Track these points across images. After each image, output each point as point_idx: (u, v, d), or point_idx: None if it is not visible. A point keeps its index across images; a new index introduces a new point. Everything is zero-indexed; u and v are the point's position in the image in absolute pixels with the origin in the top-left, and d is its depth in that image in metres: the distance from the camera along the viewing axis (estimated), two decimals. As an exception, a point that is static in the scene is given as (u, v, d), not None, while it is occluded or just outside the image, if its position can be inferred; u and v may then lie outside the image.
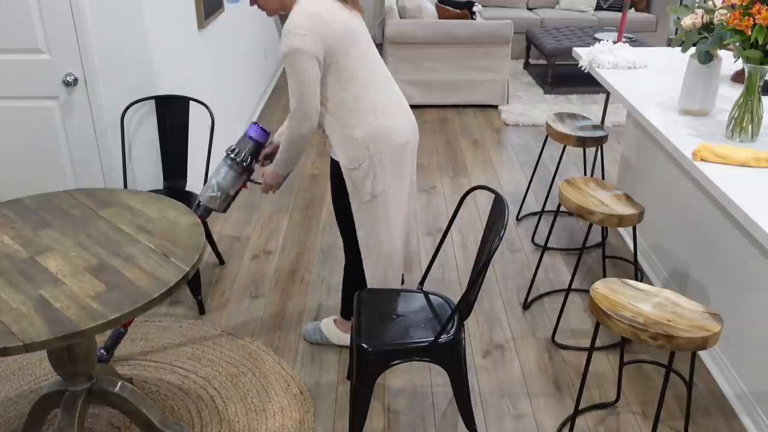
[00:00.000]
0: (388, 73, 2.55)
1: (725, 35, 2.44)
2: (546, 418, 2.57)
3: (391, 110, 2.48)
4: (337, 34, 2.32)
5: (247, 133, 2.65)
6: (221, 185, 2.65)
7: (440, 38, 5.70)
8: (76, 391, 2.17)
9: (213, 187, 2.66)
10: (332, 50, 2.32)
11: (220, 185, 2.65)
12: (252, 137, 2.64)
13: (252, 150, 2.64)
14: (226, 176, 2.65)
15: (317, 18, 2.29)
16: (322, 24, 2.29)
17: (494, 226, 2.19)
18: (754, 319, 2.51)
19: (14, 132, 3.16)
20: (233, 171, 2.64)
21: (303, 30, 2.26)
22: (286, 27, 2.29)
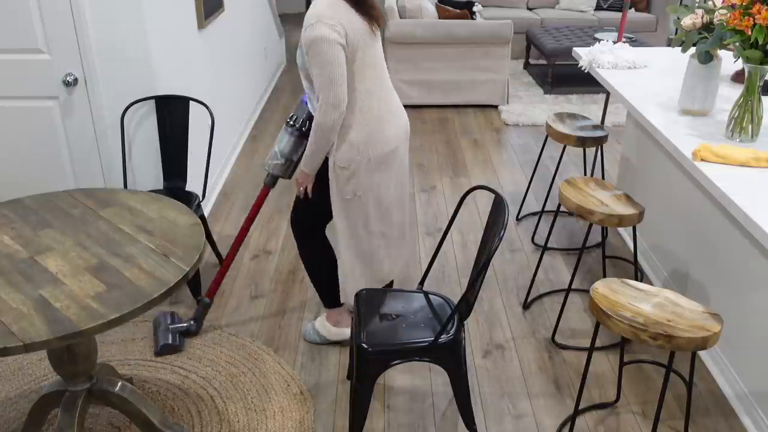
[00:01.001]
0: (390, 82, 2.57)
1: (725, 35, 2.44)
2: (546, 418, 2.57)
3: (388, 118, 2.51)
4: (356, 29, 2.36)
5: (303, 99, 2.69)
6: (284, 152, 2.72)
7: (440, 38, 5.70)
8: (76, 391, 2.17)
9: (276, 155, 2.73)
10: (351, 43, 2.35)
11: (282, 152, 2.72)
12: (307, 102, 2.67)
13: (309, 114, 2.67)
14: (287, 143, 2.70)
15: (340, 9, 2.33)
16: (346, 15, 2.33)
17: (494, 226, 2.19)
18: (754, 319, 2.51)
19: (14, 132, 3.16)
20: (293, 137, 2.69)
21: (329, 19, 2.29)
22: (312, 16, 2.31)
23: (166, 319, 2.93)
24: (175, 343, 2.83)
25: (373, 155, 2.49)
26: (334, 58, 2.30)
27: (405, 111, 2.65)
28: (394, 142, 2.54)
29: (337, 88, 2.33)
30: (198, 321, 2.93)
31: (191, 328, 2.91)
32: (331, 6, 2.33)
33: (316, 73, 2.33)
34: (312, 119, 2.66)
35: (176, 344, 2.83)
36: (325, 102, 2.34)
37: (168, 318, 2.94)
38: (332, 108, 2.35)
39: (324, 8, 2.31)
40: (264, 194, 2.88)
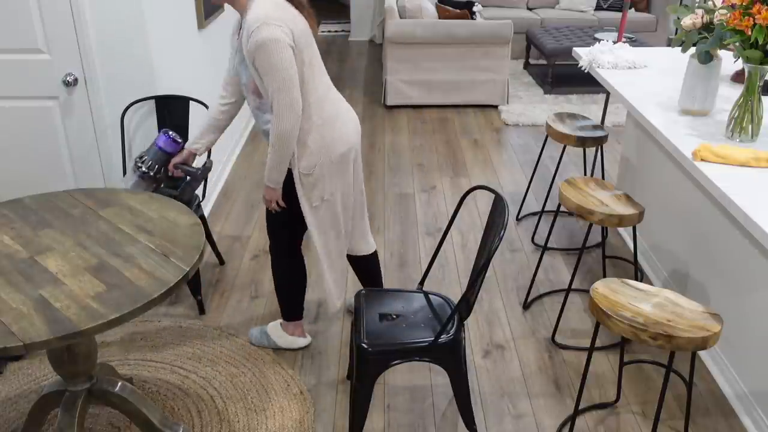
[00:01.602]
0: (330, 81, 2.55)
1: (725, 35, 2.44)
2: (546, 418, 2.57)
3: (341, 117, 2.50)
4: (300, 29, 2.32)
5: (156, 143, 2.62)
6: None
7: (440, 38, 5.70)
8: (76, 391, 2.17)
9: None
10: (298, 44, 2.30)
11: None
12: (161, 147, 2.62)
13: (160, 160, 2.63)
14: (136, 186, 2.67)
15: (284, 10, 2.28)
16: (289, 16, 2.28)
17: (494, 226, 2.19)
18: (754, 319, 2.51)
19: (14, 132, 3.16)
20: (144, 182, 2.66)
21: (275, 20, 2.22)
22: (255, 18, 2.22)
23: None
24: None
25: (333, 156, 2.48)
26: (285, 60, 2.22)
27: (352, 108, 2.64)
28: (351, 141, 2.54)
29: (292, 90, 2.26)
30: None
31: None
32: (275, 7, 2.26)
33: (268, 79, 2.25)
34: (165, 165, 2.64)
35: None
36: (281, 106, 2.26)
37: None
38: (289, 111, 2.28)
39: (268, 10, 2.24)
40: None
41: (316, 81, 2.41)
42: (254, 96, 2.43)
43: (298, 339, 2.89)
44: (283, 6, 2.31)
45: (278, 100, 2.27)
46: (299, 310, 2.84)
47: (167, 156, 2.65)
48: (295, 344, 2.89)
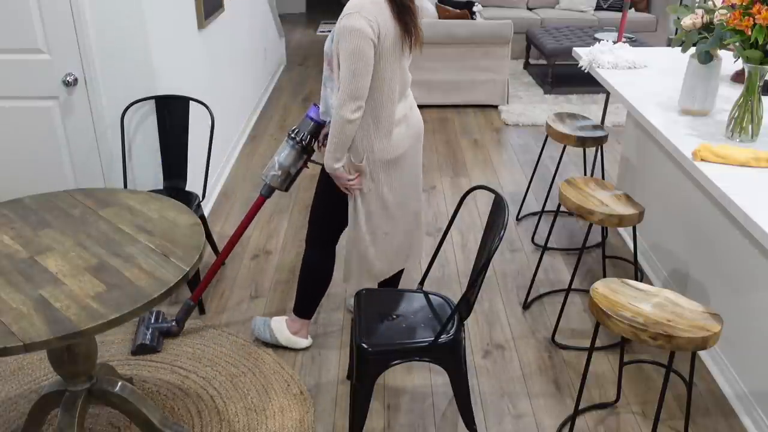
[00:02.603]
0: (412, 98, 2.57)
1: (725, 35, 2.44)
2: (546, 418, 2.57)
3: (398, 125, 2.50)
4: (389, 35, 2.36)
5: (307, 114, 2.69)
6: (282, 164, 2.72)
7: (440, 38, 5.70)
8: (76, 391, 2.17)
9: (274, 166, 2.73)
10: (381, 45, 2.34)
11: (281, 164, 2.72)
12: (312, 117, 2.67)
13: (311, 130, 2.67)
14: (287, 156, 2.71)
15: (382, 9, 2.34)
16: (381, 14, 2.33)
17: (494, 226, 2.19)
18: (754, 319, 2.51)
19: (14, 132, 3.16)
20: (294, 150, 2.70)
21: (368, 13, 2.29)
22: (353, 6, 2.30)
23: (150, 317, 2.94)
24: (152, 343, 2.81)
25: (378, 159, 2.49)
26: (363, 51, 2.28)
27: (419, 110, 2.64)
28: (402, 148, 2.53)
29: (359, 80, 2.31)
30: (180, 322, 2.91)
31: (172, 329, 2.90)
32: (373, 2, 2.32)
33: (342, 63, 2.32)
34: (316, 135, 2.68)
35: (153, 345, 2.81)
36: (345, 92, 2.32)
37: (152, 316, 2.94)
38: (351, 100, 2.33)
39: (366, 2, 2.31)
40: (259, 204, 2.87)
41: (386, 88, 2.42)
42: (327, 67, 2.49)
43: (301, 340, 2.89)
44: (381, 6, 2.34)
45: (344, 86, 2.32)
46: (312, 309, 2.83)
47: (318, 126, 2.68)
48: (297, 344, 2.89)
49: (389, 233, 2.66)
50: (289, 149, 2.71)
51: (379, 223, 2.61)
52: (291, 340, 2.88)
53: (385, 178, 2.54)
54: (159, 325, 2.90)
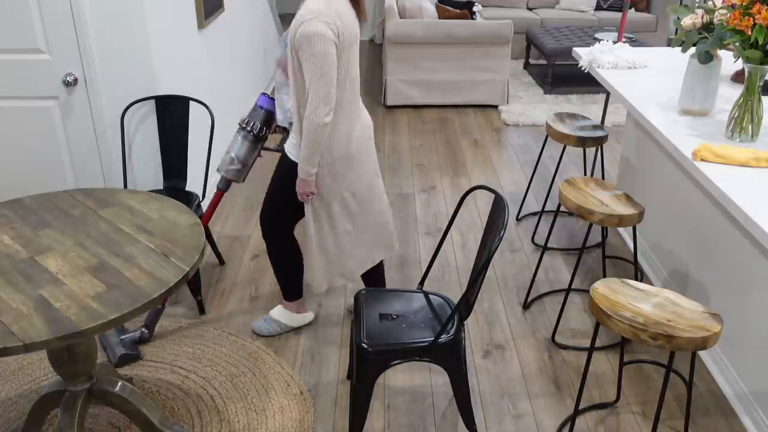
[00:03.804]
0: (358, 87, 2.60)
1: (725, 35, 2.44)
2: (546, 418, 2.57)
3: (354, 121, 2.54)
4: (348, 30, 2.37)
5: (258, 103, 2.73)
6: (240, 157, 2.76)
7: (440, 38, 5.70)
8: (76, 391, 2.17)
9: (233, 160, 2.76)
10: (341, 44, 2.36)
11: (239, 157, 2.76)
12: (262, 107, 2.71)
13: (264, 119, 2.72)
14: (243, 148, 2.75)
15: (334, 8, 2.34)
16: (337, 15, 2.34)
17: (494, 226, 2.19)
18: (754, 319, 2.51)
19: (14, 132, 3.16)
20: (248, 141, 2.74)
21: (324, 16, 2.29)
22: (309, 10, 2.30)
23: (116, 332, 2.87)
24: (133, 352, 2.79)
25: (337, 156, 2.52)
26: (328, 55, 2.30)
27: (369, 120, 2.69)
28: (357, 144, 2.56)
29: (328, 84, 2.32)
30: (149, 328, 2.88)
31: (144, 336, 2.87)
32: (327, 4, 2.32)
33: (308, 71, 2.32)
34: (268, 124, 2.71)
35: (134, 353, 2.79)
36: (316, 97, 2.33)
37: (117, 331, 2.88)
38: (323, 103, 2.34)
39: (321, 6, 2.31)
40: (218, 198, 2.89)
41: (346, 85, 2.45)
42: (281, 72, 2.55)
43: (306, 315, 3.01)
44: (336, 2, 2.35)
45: (314, 91, 2.33)
46: (300, 288, 2.93)
47: (269, 115, 2.74)
48: (306, 320, 3.00)
49: (352, 231, 2.70)
50: (243, 141, 2.74)
51: (341, 222, 2.65)
52: (299, 319, 2.98)
53: (346, 176, 2.58)
54: (129, 335, 2.85)
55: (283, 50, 2.49)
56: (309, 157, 2.44)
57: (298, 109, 2.45)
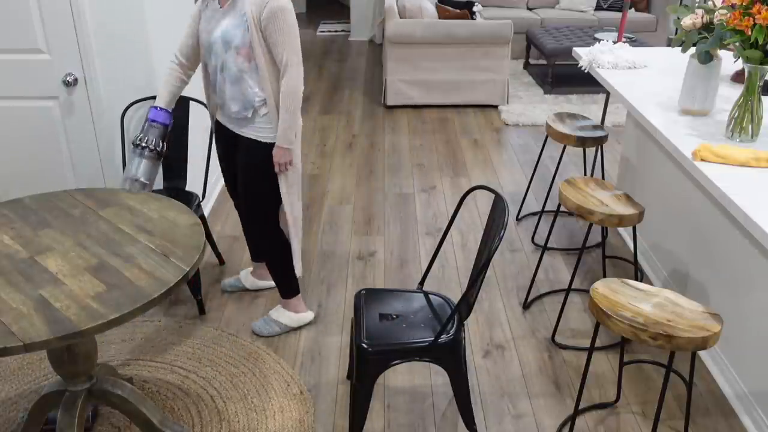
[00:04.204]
0: None
1: (725, 35, 2.44)
2: (546, 418, 2.57)
3: None
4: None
5: (150, 118, 2.63)
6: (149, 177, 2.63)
7: (440, 38, 5.70)
8: (76, 391, 2.17)
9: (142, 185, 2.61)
10: None
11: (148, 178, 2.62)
12: (156, 120, 2.62)
13: (158, 132, 2.63)
14: (145, 168, 2.62)
15: None
16: None
17: (494, 226, 2.19)
18: (754, 319, 2.51)
19: (14, 132, 3.16)
20: (149, 160, 2.63)
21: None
22: None
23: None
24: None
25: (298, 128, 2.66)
26: (296, 27, 2.49)
27: None
28: None
29: (299, 53, 2.52)
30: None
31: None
32: None
33: (283, 42, 2.46)
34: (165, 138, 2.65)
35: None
36: (296, 64, 2.49)
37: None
38: (300, 70, 2.52)
39: None
40: None
41: None
42: (243, 59, 2.55)
43: (306, 314, 3.02)
44: None
45: (294, 61, 2.49)
46: (297, 283, 2.96)
47: (164, 127, 2.66)
48: (306, 320, 3.02)
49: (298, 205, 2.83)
50: (142, 160, 2.60)
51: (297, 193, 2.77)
52: (300, 319, 3.00)
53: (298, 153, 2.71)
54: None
55: (244, 34, 2.49)
56: (293, 123, 2.57)
57: (270, 88, 2.55)
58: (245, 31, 2.49)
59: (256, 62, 2.52)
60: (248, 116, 2.63)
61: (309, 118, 5.73)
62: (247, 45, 2.50)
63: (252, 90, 2.58)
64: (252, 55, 2.52)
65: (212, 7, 2.60)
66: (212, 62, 2.62)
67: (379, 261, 3.57)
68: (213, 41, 2.57)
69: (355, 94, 6.36)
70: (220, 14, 2.56)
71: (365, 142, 5.20)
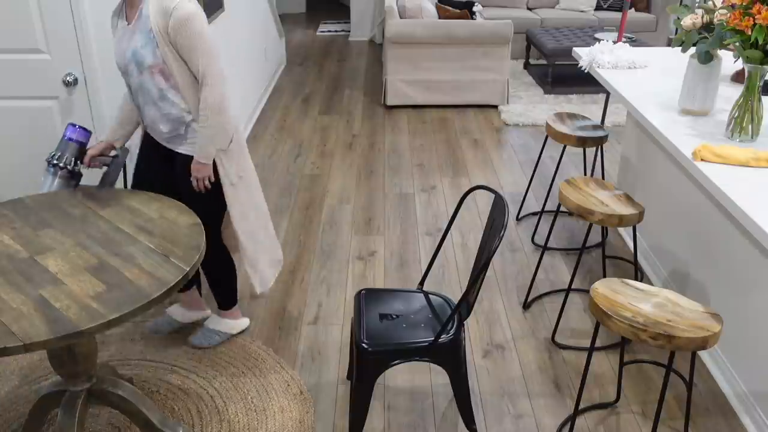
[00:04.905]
0: None
1: (725, 35, 2.44)
2: (546, 418, 2.57)
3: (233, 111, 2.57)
4: None
5: (66, 135, 2.50)
6: None
7: (440, 38, 5.70)
8: (76, 391, 2.17)
9: None
10: None
11: None
12: (72, 139, 2.49)
13: (75, 152, 2.49)
14: (56, 188, 2.47)
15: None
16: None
17: (494, 226, 2.19)
18: (754, 319, 2.51)
19: (14, 132, 3.16)
20: (62, 180, 2.47)
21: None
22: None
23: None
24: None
25: (235, 136, 2.57)
26: (208, 33, 2.33)
27: None
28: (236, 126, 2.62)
29: (219, 60, 2.37)
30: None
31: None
32: None
33: (198, 51, 2.32)
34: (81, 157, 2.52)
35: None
36: (215, 76, 2.36)
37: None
38: (222, 79, 2.38)
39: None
40: None
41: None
42: (160, 77, 2.40)
43: (243, 320, 3.00)
44: None
45: (212, 70, 2.35)
46: (236, 295, 2.93)
47: (81, 147, 2.53)
48: (243, 325, 2.99)
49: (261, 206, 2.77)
50: (54, 179, 2.46)
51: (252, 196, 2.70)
52: (238, 325, 2.97)
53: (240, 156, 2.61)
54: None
55: (155, 51, 2.33)
56: (213, 137, 2.44)
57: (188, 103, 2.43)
58: (155, 48, 2.33)
59: (175, 79, 2.37)
60: (181, 133, 2.50)
61: (309, 117, 5.73)
62: (160, 62, 2.35)
63: (179, 107, 2.44)
64: (169, 73, 2.37)
65: (121, 25, 2.44)
66: (131, 83, 2.46)
67: (379, 261, 3.57)
68: (127, 62, 2.41)
69: (355, 94, 6.36)
70: (129, 32, 2.40)
71: (365, 142, 5.21)
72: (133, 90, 2.48)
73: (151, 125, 2.51)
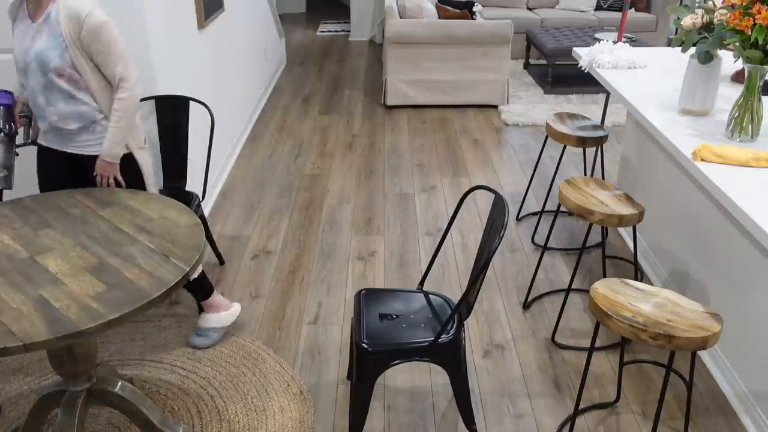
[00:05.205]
0: None
1: (725, 35, 2.44)
2: (546, 418, 2.57)
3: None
4: None
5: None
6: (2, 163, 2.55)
7: (440, 38, 5.70)
8: (76, 391, 2.17)
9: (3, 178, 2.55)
10: None
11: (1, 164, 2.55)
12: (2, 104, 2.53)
13: (5, 115, 2.54)
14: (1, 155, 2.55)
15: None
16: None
17: (494, 226, 2.19)
18: (754, 319, 2.51)
19: (14, 132, 3.16)
20: (2, 145, 2.55)
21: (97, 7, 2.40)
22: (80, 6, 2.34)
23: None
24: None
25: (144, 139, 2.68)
26: (120, 38, 2.44)
27: None
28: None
29: (131, 65, 2.48)
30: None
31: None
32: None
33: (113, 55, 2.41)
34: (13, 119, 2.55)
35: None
36: (133, 78, 2.47)
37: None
38: (137, 82, 2.48)
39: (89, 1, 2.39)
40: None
41: None
42: (65, 82, 2.43)
43: (233, 307, 2.97)
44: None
45: (129, 74, 2.46)
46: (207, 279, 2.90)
47: (9, 109, 2.56)
48: (236, 312, 2.98)
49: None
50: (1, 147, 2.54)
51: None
52: (230, 316, 2.95)
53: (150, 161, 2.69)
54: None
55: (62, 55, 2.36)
56: (123, 138, 2.52)
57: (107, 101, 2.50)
58: (64, 52, 2.36)
59: (86, 82, 2.44)
60: (89, 129, 2.54)
61: (309, 117, 5.73)
62: (68, 65, 2.38)
63: (89, 105, 2.49)
64: (78, 76, 2.42)
65: (24, 21, 2.43)
66: (30, 82, 2.46)
67: (379, 261, 3.57)
68: (29, 61, 2.41)
69: (355, 94, 6.36)
70: (33, 30, 2.40)
71: (365, 142, 5.21)
72: (30, 89, 2.48)
73: (57, 123, 2.52)
